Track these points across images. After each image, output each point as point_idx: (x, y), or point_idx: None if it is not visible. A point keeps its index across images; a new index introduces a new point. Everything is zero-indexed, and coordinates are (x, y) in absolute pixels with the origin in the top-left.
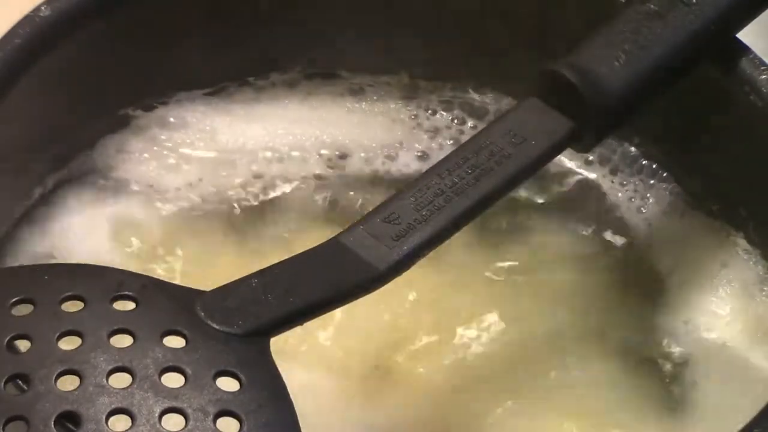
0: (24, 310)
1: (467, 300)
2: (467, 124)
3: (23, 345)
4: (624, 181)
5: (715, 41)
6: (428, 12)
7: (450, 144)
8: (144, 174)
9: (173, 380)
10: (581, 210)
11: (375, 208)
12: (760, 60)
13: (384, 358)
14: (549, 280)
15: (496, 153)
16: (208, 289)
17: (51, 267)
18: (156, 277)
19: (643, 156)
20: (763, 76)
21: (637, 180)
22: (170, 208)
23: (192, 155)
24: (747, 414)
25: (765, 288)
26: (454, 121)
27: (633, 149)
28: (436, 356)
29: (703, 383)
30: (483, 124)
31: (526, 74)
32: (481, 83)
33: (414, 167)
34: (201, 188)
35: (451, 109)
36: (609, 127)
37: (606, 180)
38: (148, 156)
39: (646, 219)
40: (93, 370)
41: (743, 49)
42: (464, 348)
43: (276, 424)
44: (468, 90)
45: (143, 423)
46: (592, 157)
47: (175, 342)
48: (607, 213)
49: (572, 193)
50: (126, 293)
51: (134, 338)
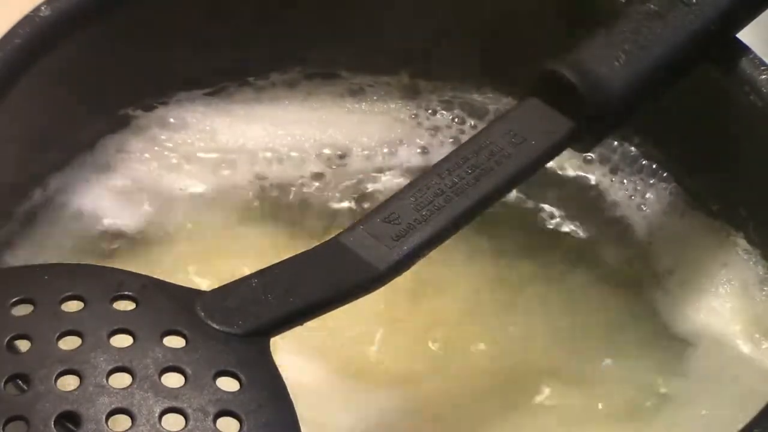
0: (24, 310)
1: (467, 300)
2: (467, 124)
3: (23, 345)
4: (624, 181)
5: (715, 41)
6: (428, 12)
7: (450, 143)
8: (144, 174)
9: (173, 380)
10: (581, 210)
11: (375, 208)
12: (760, 60)
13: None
14: (546, 280)
15: (496, 153)
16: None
17: (51, 267)
18: (156, 277)
19: (643, 156)
20: (763, 76)
21: (637, 180)
22: (170, 209)
23: (192, 155)
24: (747, 414)
25: (765, 288)
26: (454, 121)
27: (633, 149)
28: (437, 356)
29: (703, 383)
30: (483, 124)
31: (526, 74)
32: (481, 83)
33: (414, 163)
34: (201, 188)
35: (451, 109)
36: (609, 127)
37: (606, 180)
38: (149, 156)
39: (646, 219)
40: (93, 370)
41: (743, 49)
42: (464, 348)
43: (276, 424)
44: (468, 90)
45: (143, 423)
46: (592, 157)
47: (175, 342)
48: (607, 213)
49: (572, 193)
50: (126, 293)
51: (134, 338)
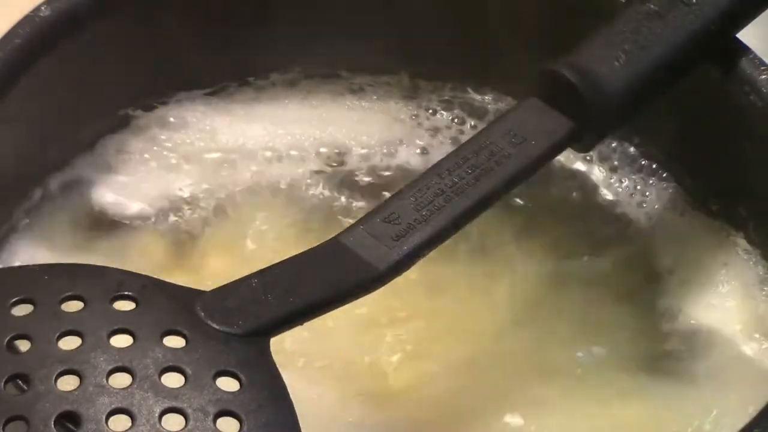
0: (24, 310)
1: (466, 299)
2: (467, 124)
3: (23, 345)
4: (624, 181)
5: (715, 41)
6: (428, 12)
7: (450, 143)
8: (144, 174)
9: (173, 380)
10: (581, 210)
11: (375, 208)
12: (760, 60)
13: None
14: (548, 280)
15: (496, 153)
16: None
17: (51, 267)
18: (156, 278)
19: (643, 156)
20: (763, 76)
21: (637, 179)
22: (170, 209)
23: (192, 155)
24: (747, 414)
25: (765, 288)
26: (454, 121)
27: (633, 149)
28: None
29: (703, 383)
30: (483, 124)
31: (526, 74)
32: (481, 83)
33: (414, 163)
34: (201, 188)
35: (451, 109)
36: (609, 127)
37: (606, 179)
38: (149, 156)
39: (646, 218)
40: (93, 370)
41: (743, 49)
42: (465, 348)
43: (276, 424)
44: (468, 90)
45: (143, 423)
46: (592, 157)
47: (175, 342)
48: (607, 213)
49: (572, 193)
50: (126, 293)
51: (134, 338)
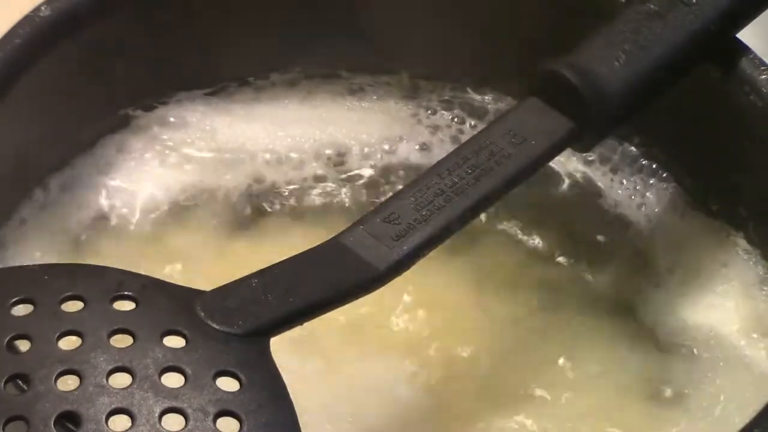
0: (24, 310)
1: (465, 299)
2: (467, 124)
3: (23, 345)
4: (624, 181)
5: (715, 41)
6: (427, 12)
7: (450, 143)
8: (144, 174)
9: (173, 380)
10: (581, 210)
11: (375, 208)
12: (760, 60)
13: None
14: (548, 280)
15: (496, 153)
16: (208, 289)
17: (51, 267)
18: (156, 277)
19: (643, 156)
20: (763, 76)
21: (637, 180)
22: (171, 208)
23: (192, 155)
24: (747, 414)
25: (765, 288)
26: (454, 121)
27: (633, 149)
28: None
29: (703, 383)
30: (483, 124)
31: (526, 74)
32: (481, 83)
33: (414, 163)
34: (202, 188)
35: (451, 109)
36: (609, 127)
37: (606, 180)
38: (149, 156)
39: (646, 219)
40: (93, 370)
41: (743, 49)
42: (463, 348)
43: (276, 424)
44: (468, 90)
45: (143, 423)
46: (592, 157)
47: (175, 342)
48: (607, 213)
49: (572, 193)
50: (126, 293)
51: (134, 338)
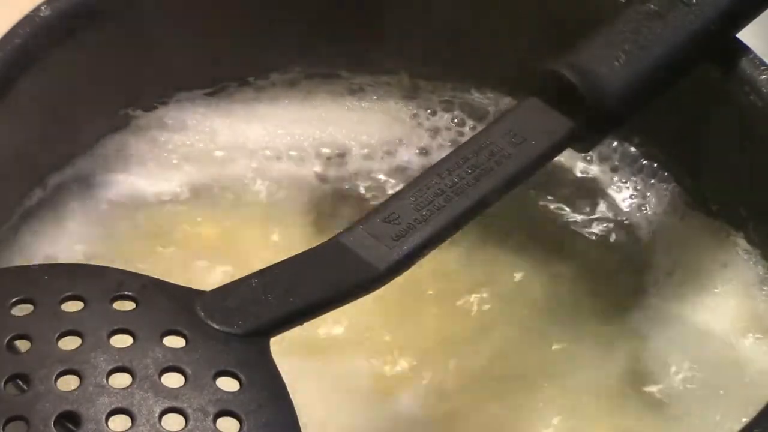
0: (24, 310)
1: (466, 300)
2: (467, 124)
3: (23, 345)
4: (624, 181)
5: (715, 41)
6: (428, 12)
7: (450, 144)
8: (144, 174)
9: (173, 380)
10: (581, 210)
11: (375, 208)
12: (760, 60)
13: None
14: (548, 280)
15: (496, 153)
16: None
17: (51, 267)
18: (156, 278)
19: (643, 156)
20: (763, 76)
21: (638, 180)
22: (171, 209)
23: (192, 155)
24: (747, 414)
25: (765, 288)
26: (454, 121)
27: (633, 149)
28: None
29: (703, 383)
30: (483, 124)
31: (526, 74)
32: (481, 83)
33: (414, 163)
34: (201, 188)
35: (451, 109)
36: (609, 127)
37: (606, 179)
38: (149, 156)
39: (646, 219)
40: (93, 370)
41: (743, 49)
42: (462, 347)
43: (276, 424)
44: (468, 90)
45: (143, 423)
46: (592, 157)
47: (175, 342)
48: (607, 213)
49: (572, 193)
50: (126, 293)
51: (134, 338)
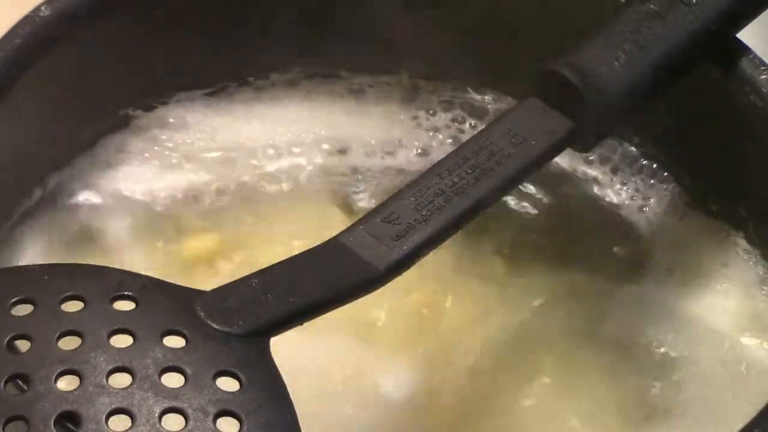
0: (24, 310)
1: (466, 300)
2: (467, 124)
3: (23, 345)
4: (624, 181)
5: (715, 41)
6: (428, 12)
7: (450, 144)
8: (144, 174)
9: (173, 380)
10: (581, 210)
11: (375, 208)
12: (760, 60)
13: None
14: (547, 280)
15: (496, 153)
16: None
17: (51, 267)
18: (156, 278)
19: (643, 156)
20: (763, 76)
21: (638, 180)
22: (170, 209)
23: (192, 155)
24: (747, 414)
25: (765, 288)
26: (454, 121)
27: (633, 149)
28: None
29: (703, 383)
30: (483, 124)
31: (526, 74)
32: (481, 83)
33: (414, 163)
34: (201, 188)
35: (451, 109)
36: (609, 127)
37: (606, 180)
38: (149, 156)
39: (647, 219)
40: (93, 370)
41: (743, 49)
42: (461, 347)
43: (276, 424)
44: (468, 90)
45: (143, 423)
46: (592, 157)
47: (175, 342)
48: (607, 213)
49: (572, 193)
50: (126, 293)
51: (134, 338)
